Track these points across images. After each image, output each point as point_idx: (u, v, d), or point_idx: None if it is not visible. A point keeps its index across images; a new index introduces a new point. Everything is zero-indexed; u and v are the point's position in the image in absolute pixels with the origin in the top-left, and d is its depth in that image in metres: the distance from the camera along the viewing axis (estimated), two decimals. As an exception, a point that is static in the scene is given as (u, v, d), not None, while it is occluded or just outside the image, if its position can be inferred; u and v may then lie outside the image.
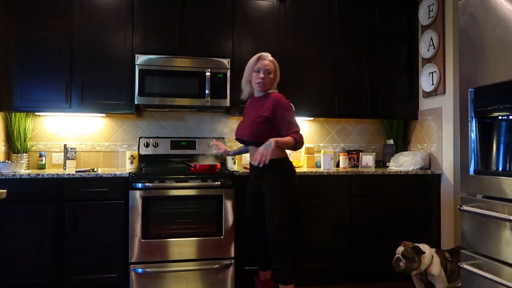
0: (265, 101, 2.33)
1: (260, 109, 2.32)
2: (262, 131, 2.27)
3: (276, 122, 2.29)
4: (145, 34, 2.97)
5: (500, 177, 1.73)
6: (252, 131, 2.30)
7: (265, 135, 2.24)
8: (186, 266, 2.65)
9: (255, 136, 2.29)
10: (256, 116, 2.31)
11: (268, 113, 2.28)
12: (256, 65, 2.36)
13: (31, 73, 2.82)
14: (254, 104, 2.41)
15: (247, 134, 2.33)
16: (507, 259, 1.68)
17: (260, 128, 2.28)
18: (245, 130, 2.36)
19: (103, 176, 2.64)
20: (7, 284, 2.51)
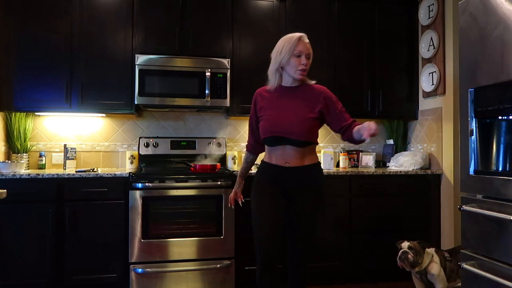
0: (310, 94, 1.98)
1: (308, 103, 1.95)
2: (314, 129, 1.97)
3: (329, 117, 1.99)
4: (145, 34, 2.97)
5: (500, 177, 1.73)
6: (304, 129, 1.91)
7: (316, 133, 2.01)
8: (186, 266, 2.65)
9: (307, 135, 1.93)
10: (306, 111, 1.93)
11: (322, 108, 1.96)
12: (297, 48, 1.93)
13: (31, 73, 2.82)
14: (290, 96, 1.98)
15: (295, 132, 1.90)
16: (507, 259, 1.68)
17: (313, 126, 1.95)
18: (292, 126, 1.91)
19: (103, 176, 2.64)
20: (7, 284, 2.51)
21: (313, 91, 1.99)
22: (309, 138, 1.94)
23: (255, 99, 2.06)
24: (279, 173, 1.95)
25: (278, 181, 1.96)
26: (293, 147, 1.92)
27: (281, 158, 1.94)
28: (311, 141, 1.96)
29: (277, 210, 1.94)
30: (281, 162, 1.94)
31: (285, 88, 2.01)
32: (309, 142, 1.94)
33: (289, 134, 1.90)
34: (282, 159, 1.94)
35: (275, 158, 1.96)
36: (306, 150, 1.95)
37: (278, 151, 1.95)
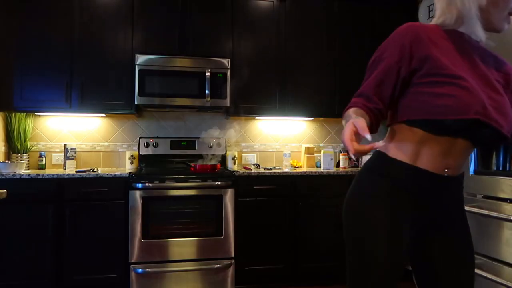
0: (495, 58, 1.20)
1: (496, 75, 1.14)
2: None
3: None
4: (145, 34, 2.97)
5: (500, 177, 1.74)
6: (507, 120, 1.08)
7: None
8: (186, 266, 2.65)
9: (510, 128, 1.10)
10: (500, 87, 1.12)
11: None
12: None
13: (31, 73, 2.82)
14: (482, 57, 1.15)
15: (505, 123, 1.06)
16: (507, 259, 1.68)
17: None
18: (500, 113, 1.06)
19: (103, 176, 2.64)
20: (7, 284, 2.51)
21: (497, 56, 1.22)
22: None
23: (413, 37, 1.08)
24: (432, 186, 1.11)
25: (424, 201, 1.12)
26: (469, 144, 1.09)
27: (440, 160, 1.09)
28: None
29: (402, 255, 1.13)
30: (438, 166, 1.09)
31: (470, 42, 1.14)
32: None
33: (499, 124, 1.04)
34: (441, 162, 1.09)
35: (427, 158, 1.09)
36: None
37: (439, 147, 1.08)
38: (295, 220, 2.84)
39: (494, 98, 1.06)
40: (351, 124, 0.93)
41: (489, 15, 1.09)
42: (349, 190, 1.20)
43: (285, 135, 3.52)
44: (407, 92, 1.10)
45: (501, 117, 1.04)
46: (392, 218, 1.09)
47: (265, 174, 2.84)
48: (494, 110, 1.04)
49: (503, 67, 1.17)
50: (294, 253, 2.84)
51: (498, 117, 1.04)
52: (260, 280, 2.82)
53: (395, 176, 1.10)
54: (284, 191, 2.85)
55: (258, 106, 3.12)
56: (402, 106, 1.11)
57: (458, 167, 1.11)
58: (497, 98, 1.06)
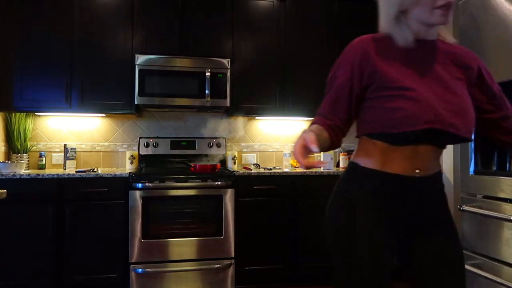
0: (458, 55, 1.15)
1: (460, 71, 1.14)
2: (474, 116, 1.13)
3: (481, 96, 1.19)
4: (145, 34, 2.97)
5: (500, 177, 1.74)
6: (466, 120, 1.08)
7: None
8: (186, 266, 2.65)
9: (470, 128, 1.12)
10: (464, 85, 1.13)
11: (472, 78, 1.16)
12: None
13: (31, 73, 2.82)
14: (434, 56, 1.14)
15: (463, 124, 1.07)
16: (507, 259, 1.68)
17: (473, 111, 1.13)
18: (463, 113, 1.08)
19: (103, 176, 2.64)
20: (8, 284, 2.51)
21: (454, 49, 1.17)
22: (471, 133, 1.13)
23: (361, 55, 1.12)
24: (406, 188, 1.12)
25: (399, 204, 1.12)
26: (433, 147, 1.11)
27: (408, 163, 1.10)
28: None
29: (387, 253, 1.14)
30: (408, 169, 1.10)
31: (419, 41, 1.13)
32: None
33: (455, 128, 1.05)
34: (409, 165, 1.10)
35: (394, 163, 1.10)
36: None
37: (403, 154, 1.10)
38: (295, 220, 2.84)
39: (451, 101, 1.07)
40: (301, 138, 0.97)
41: (417, 14, 1.09)
42: (329, 202, 1.21)
43: (285, 135, 3.52)
44: (363, 107, 1.14)
45: (459, 119, 1.06)
46: (372, 226, 1.10)
47: (265, 174, 2.84)
48: (451, 114, 1.05)
49: (464, 62, 1.15)
50: (294, 253, 2.84)
51: (455, 120, 1.05)
52: (260, 280, 2.82)
53: (368, 184, 1.13)
54: (284, 191, 2.85)
55: (258, 106, 3.12)
56: (361, 121, 1.16)
57: (429, 167, 1.12)
58: (455, 99, 1.08)
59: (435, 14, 1.06)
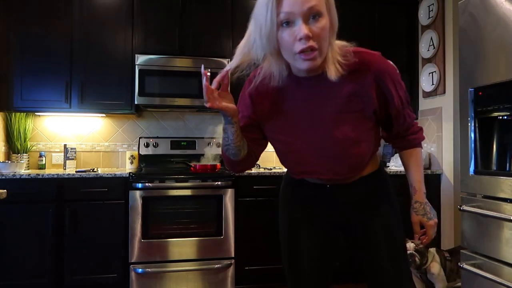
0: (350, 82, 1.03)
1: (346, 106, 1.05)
2: (365, 152, 1.12)
3: (382, 114, 1.11)
4: (145, 34, 2.97)
5: (500, 177, 1.74)
6: (348, 164, 1.11)
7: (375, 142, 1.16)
8: (186, 266, 2.65)
9: (355, 168, 1.13)
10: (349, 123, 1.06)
11: (374, 107, 1.06)
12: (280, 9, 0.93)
13: (31, 73, 2.82)
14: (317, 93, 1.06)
15: (342, 169, 1.11)
16: (507, 259, 1.68)
17: (364, 151, 1.11)
18: (335, 161, 1.09)
19: (103, 176, 2.64)
20: (7, 284, 2.51)
21: (354, 72, 1.03)
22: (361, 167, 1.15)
23: (244, 98, 1.18)
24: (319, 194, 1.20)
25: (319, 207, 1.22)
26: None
27: (316, 179, 1.18)
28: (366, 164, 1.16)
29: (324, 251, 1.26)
30: (318, 182, 1.18)
31: (301, 79, 1.06)
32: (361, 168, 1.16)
33: (335, 173, 1.13)
34: (319, 181, 1.18)
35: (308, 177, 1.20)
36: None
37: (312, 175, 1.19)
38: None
39: (328, 147, 1.07)
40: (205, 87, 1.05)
41: (285, 57, 0.99)
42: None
43: (285, 135, 3.52)
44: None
45: (335, 164, 1.09)
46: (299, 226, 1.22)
47: (265, 174, 2.84)
48: (326, 161, 1.09)
49: (362, 89, 1.03)
50: None
51: (330, 167, 1.10)
52: (260, 280, 2.82)
53: (294, 188, 1.25)
54: (284, 191, 2.85)
55: (258, 106, 3.12)
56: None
57: (342, 179, 1.14)
58: (333, 145, 1.06)
59: (298, 60, 0.95)
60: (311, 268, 1.20)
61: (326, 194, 1.18)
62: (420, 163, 1.24)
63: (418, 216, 1.22)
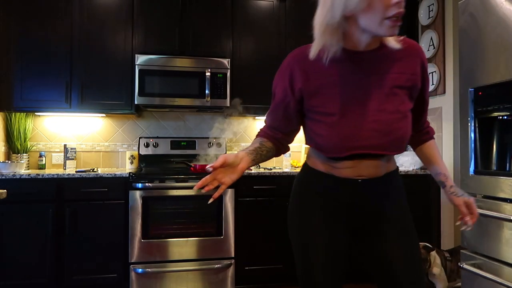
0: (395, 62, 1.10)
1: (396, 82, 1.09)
2: (408, 131, 1.12)
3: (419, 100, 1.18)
4: (145, 34, 2.97)
5: (500, 177, 1.74)
6: (395, 138, 1.08)
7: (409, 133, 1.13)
8: (186, 266, 2.65)
9: (400, 144, 1.11)
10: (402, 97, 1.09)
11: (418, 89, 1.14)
12: None
13: (31, 73, 2.82)
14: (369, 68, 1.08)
15: (390, 143, 1.08)
16: (507, 259, 1.68)
17: (408, 129, 1.11)
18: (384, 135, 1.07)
19: (103, 176, 2.64)
20: (7, 284, 2.51)
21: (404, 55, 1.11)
22: (402, 147, 1.13)
23: (291, 73, 1.12)
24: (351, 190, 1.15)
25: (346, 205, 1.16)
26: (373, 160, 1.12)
27: (350, 172, 1.13)
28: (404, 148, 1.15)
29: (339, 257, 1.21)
30: (351, 176, 1.13)
31: (355, 54, 1.08)
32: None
33: (381, 148, 1.09)
34: (352, 173, 1.13)
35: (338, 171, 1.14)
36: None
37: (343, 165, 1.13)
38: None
39: (379, 120, 1.06)
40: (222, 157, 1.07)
41: (364, 25, 1.00)
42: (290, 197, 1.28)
43: (285, 135, 3.51)
44: (305, 121, 1.19)
45: (385, 138, 1.06)
46: (323, 222, 1.16)
47: (265, 174, 2.84)
48: (377, 134, 1.06)
49: (411, 68, 1.10)
50: (294, 253, 2.84)
51: (381, 141, 1.06)
52: (260, 280, 2.82)
53: (317, 185, 1.18)
54: (284, 191, 2.85)
55: (258, 106, 3.12)
56: (305, 134, 1.22)
57: (374, 173, 1.13)
58: (384, 118, 1.06)
59: (384, 25, 0.98)
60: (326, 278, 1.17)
61: (356, 191, 1.13)
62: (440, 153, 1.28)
63: (460, 197, 1.19)
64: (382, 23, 0.98)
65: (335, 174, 1.13)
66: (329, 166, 1.15)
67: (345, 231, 1.18)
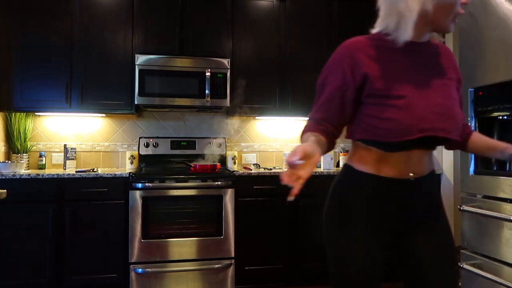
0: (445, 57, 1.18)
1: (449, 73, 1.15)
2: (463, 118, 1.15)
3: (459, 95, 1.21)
4: (145, 34, 2.97)
5: (500, 177, 1.74)
6: (456, 122, 1.10)
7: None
8: (186, 266, 2.65)
9: (459, 130, 1.13)
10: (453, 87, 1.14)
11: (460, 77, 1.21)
12: None
13: (31, 73, 2.82)
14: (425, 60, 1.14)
15: (453, 127, 1.08)
16: (507, 259, 1.68)
17: (462, 113, 1.15)
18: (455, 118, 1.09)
19: (103, 176, 2.64)
20: (7, 284, 2.51)
21: (443, 51, 1.19)
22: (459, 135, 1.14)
23: (352, 59, 1.12)
24: (401, 191, 1.12)
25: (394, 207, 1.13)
26: (424, 150, 1.12)
27: (402, 168, 1.11)
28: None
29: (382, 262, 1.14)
30: (402, 173, 1.11)
31: (412, 43, 1.12)
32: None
33: (446, 132, 1.07)
34: (404, 170, 1.11)
35: (388, 168, 1.11)
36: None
37: (396, 159, 1.10)
38: (295, 220, 2.84)
39: (441, 104, 1.07)
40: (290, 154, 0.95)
41: (436, 18, 1.07)
42: (325, 204, 1.23)
43: (285, 135, 3.52)
44: (358, 112, 1.13)
45: (449, 122, 1.07)
46: (366, 230, 1.11)
47: (265, 174, 2.84)
48: (441, 117, 1.06)
49: (452, 63, 1.18)
50: (294, 253, 2.84)
51: (445, 124, 1.06)
52: (260, 280, 2.82)
53: (363, 187, 1.13)
54: (284, 191, 2.85)
55: (258, 106, 3.12)
56: (355, 126, 1.15)
57: (423, 170, 1.12)
58: (446, 102, 1.08)
59: (452, 21, 1.08)
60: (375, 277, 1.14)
61: (406, 191, 1.11)
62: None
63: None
64: (450, 18, 1.07)
65: (383, 175, 1.10)
66: (379, 163, 1.11)
67: (388, 235, 1.14)
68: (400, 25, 1.07)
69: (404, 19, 1.06)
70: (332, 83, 1.12)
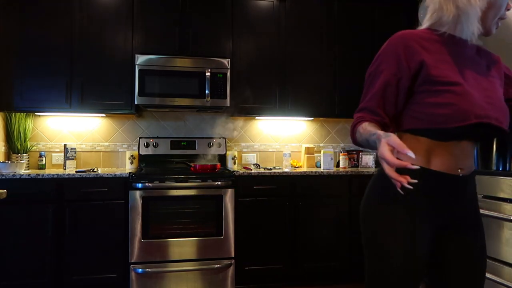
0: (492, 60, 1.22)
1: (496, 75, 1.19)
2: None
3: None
4: (145, 34, 2.97)
5: (500, 177, 1.74)
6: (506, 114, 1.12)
7: None
8: (186, 266, 2.65)
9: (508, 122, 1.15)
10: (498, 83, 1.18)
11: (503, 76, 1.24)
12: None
13: (31, 73, 2.82)
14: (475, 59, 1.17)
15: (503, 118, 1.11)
16: (507, 259, 1.68)
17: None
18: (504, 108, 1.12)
19: (103, 176, 2.64)
20: (7, 284, 2.51)
21: (491, 55, 1.23)
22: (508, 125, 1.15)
23: (407, 47, 1.11)
24: (449, 186, 1.11)
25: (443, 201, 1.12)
26: (472, 142, 1.13)
27: (452, 162, 1.10)
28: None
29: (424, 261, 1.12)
30: (452, 168, 1.10)
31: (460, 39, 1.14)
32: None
33: (499, 121, 1.08)
34: (454, 164, 1.10)
35: (439, 161, 1.09)
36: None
37: (446, 151, 1.09)
38: (295, 220, 2.84)
39: (490, 96, 1.09)
40: (385, 145, 0.93)
41: (485, 18, 1.11)
42: (365, 196, 1.21)
43: (285, 135, 3.52)
44: (409, 102, 1.12)
45: (499, 112, 1.08)
46: (411, 222, 1.09)
47: (265, 174, 2.84)
48: (493, 108, 1.07)
49: (495, 61, 1.21)
50: (294, 253, 2.84)
51: (496, 114, 1.07)
52: (260, 280, 2.82)
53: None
54: (284, 191, 2.85)
55: (258, 106, 3.12)
56: (406, 116, 1.13)
57: (469, 166, 1.12)
58: (493, 94, 1.10)
59: (496, 24, 1.15)
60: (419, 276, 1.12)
61: (456, 187, 1.11)
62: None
63: None
64: (495, 21, 1.14)
65: (433, 168, 1.09)
66: (429, 154, 1.09)
67: (432, 232, 1.12)
68: (461, 20, 1.10)
69: (465, 15, 1.09)
70: (386, 70, 1.11)
